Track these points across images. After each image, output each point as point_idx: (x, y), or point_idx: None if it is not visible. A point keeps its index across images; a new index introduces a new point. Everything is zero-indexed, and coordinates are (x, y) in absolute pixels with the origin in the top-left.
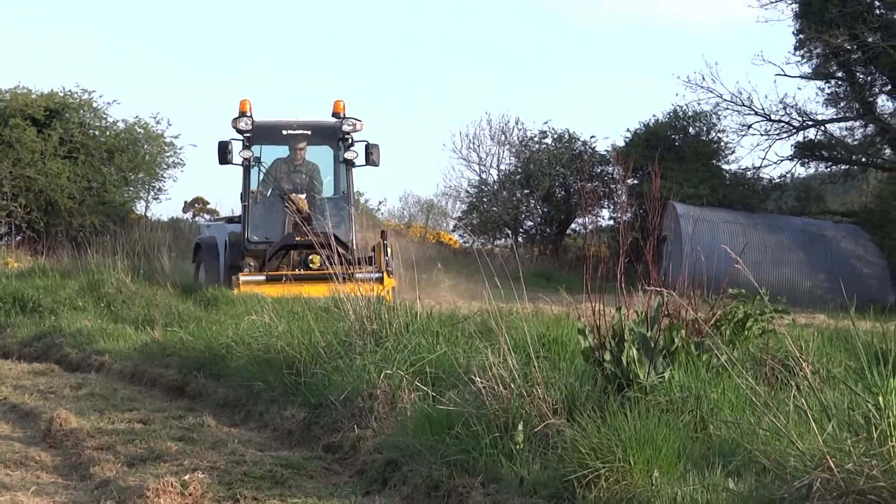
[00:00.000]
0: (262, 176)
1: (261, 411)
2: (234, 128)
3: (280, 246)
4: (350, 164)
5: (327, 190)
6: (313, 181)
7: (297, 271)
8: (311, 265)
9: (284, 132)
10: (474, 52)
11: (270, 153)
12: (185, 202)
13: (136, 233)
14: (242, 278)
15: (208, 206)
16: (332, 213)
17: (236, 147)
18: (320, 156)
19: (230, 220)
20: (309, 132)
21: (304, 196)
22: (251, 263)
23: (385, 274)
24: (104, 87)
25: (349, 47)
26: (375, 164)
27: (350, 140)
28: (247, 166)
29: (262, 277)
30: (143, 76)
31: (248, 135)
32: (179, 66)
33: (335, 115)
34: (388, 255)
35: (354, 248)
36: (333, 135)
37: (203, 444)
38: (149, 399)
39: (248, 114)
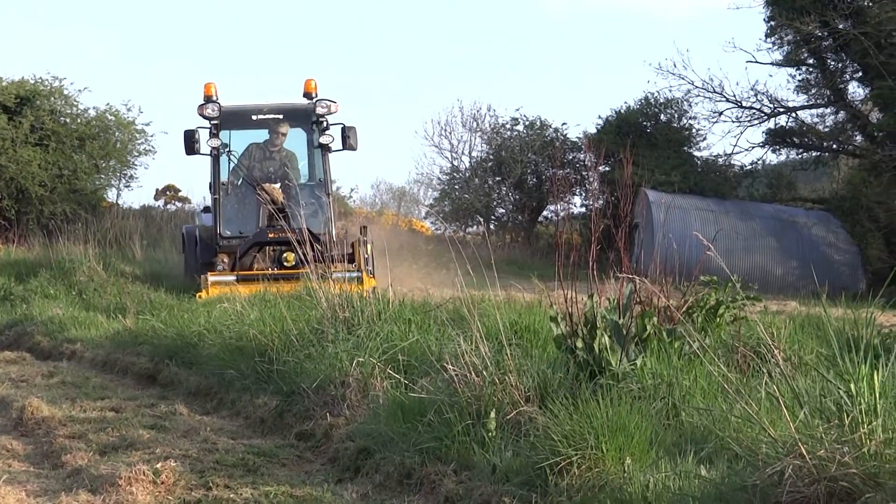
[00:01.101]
0: (231, 165)
1: (233, 399)
2: (200, 115)
3: (251, 244)
4: (326, 149)
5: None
6: (287, 169)
7: (271, 269)
8: (285, 263)
9: (255, 117)
10: (446, 39)
11: (239, 140)
12: (157, 190)
13: (108, 221)
14: (212, 278)
15: (180, 194)
16: (306, 203)
17: (203, 136)
18: (292, 141)
19: (206, 208)
20: (280, 116)
21: (278, 185)
22: (224, 261)
23: (364, 273)
24: (75, 74)
25: (320, 32)
26: (353, 149)
27: (325, 123)
28: (215, 156)
29: (233, 278)
30: (114, 63)
31: (215, 122)
32: (150, 53)
33: (306, 95)
34: (369, 252)
35: (333, 240)
36: (306, 118)
37: (175, 433)
38: (121, 387)
39: (215, 98)
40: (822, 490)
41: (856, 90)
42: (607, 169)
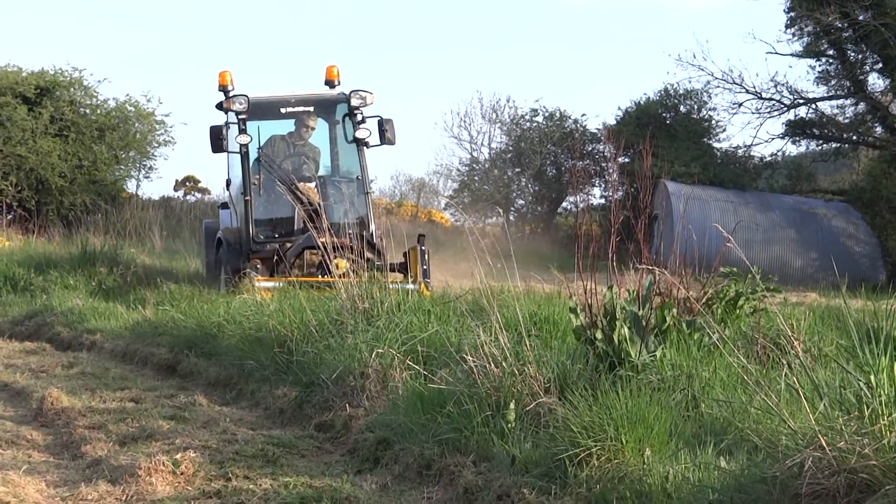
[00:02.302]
0: (260, 163)
1: (252, 390)
2: (226, 109)
3: (303, 247)
4: (363, 143)
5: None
6: (311, 165)
7: (319, 276)
8: (335, 270)
9: (284, 109)
10: (466, 31)
11: (262, 132)
12: (177, 181)
13: (127, 211)
14: (260, 283)
15: (199, 185)
16: (335, 201)
17: (230, 131)
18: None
19: (224, 204)
20: (311, 108)
21: (314, 185)
22: (258, 266)
23: (423, 285)
24: (95, 65)
25: (339, 23)
26: (391, 143)
27: (360, 116)
28: (245, 153)
29: (281, 283)
30: (134, 54)
31: (243, 116)
32: (170, 44)
33: (328, 82)
34: (427, 262)
35: (379, 243)
36: (339, 110)
37: (194, 423)
38: (140, 378)
39: (230, 87)
40: (842, 482)
41: (876, 81)
42: (627, 160)
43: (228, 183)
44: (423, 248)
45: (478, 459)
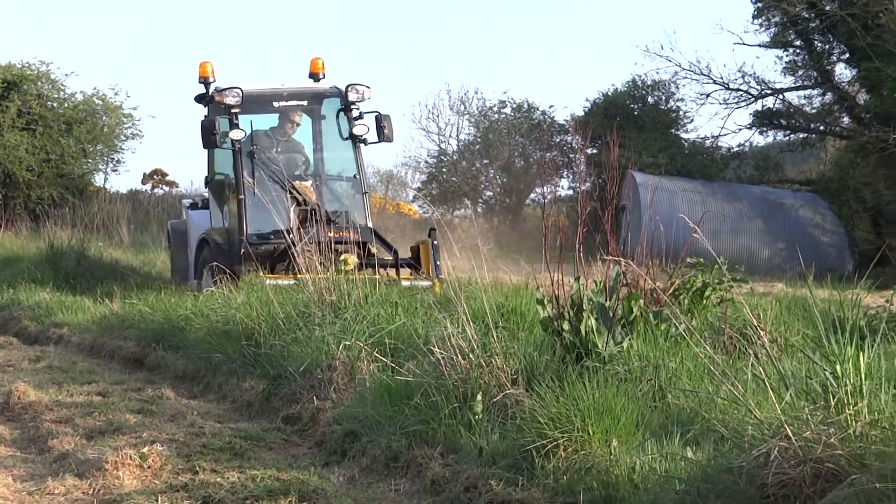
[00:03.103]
0: (252, 161)
1: (220, 383)
2: (219, 102)
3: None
4: (360, 140)
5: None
6: (300, 162)
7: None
8: (342, 266)
9: (276, 104)
10: (434, 22)
11: (252, 126)
12: (144, 174)
13: (95, 205)
14: (270, 282)
15: (167, 178)
16: (329, 199)
17: (221, 125)
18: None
19: (194, 204)
20: (305, 102)
21: (309, 183)
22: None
23: (436, 282)
24: (62, 58)
25: (305, 14)
26: (390, 140)
27: (358, 111)
28: (239, 149)
29: (291, 282)
30: (101, 47)
31: (236, 110)
32: (137, 37)
33: (312, 75)
34: (439, 257)
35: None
36: (322, 104)
37: (162, 417)
38: (107, 371)
39: (212, 79)
40: (808, 471)
41: (843, 72)
42: (594, 151)
43: (208, 181)
44: (434, 241)
45: (445, 451)
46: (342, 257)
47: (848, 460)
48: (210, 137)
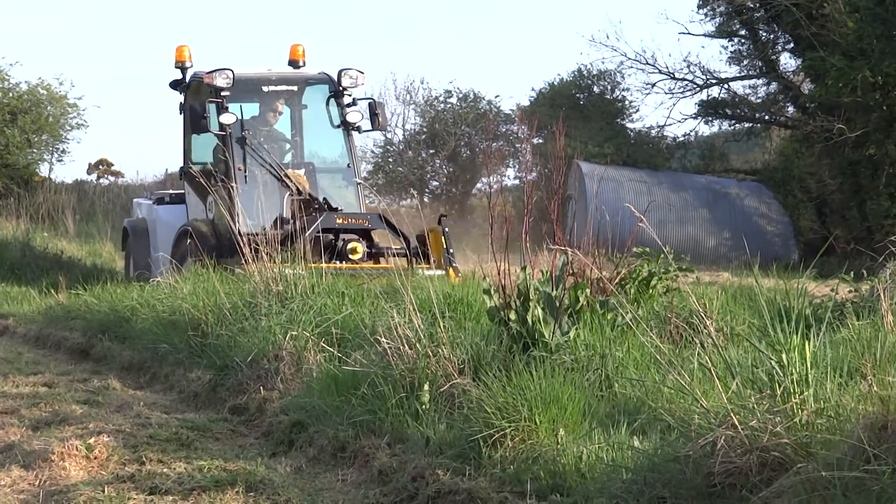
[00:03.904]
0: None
1: (166, 374)
2: (208, 84)
3: (317, 231)
4: (353, 128)
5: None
6: (283, 150)
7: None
8: (350, 256)
9: (266, 88)
10: (379, 12)
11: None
12: (90, 164)
13: (41, 195)
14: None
15: (112, 168)
16: (322, 188)
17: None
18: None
19: (160, 199)
20: (295, 87)
21: (302, 172)
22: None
23: (451, 271)
24: (6, 48)
25: (249, 4)
26: (384, 128)
27: (351, 98)
28: (229, 134)
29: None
30: (46, 37)
31: (226, 94)
32: (81, 26)
33: (292, 62)
34: (451, 244)
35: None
36: (304, 91)
37: (108, 407)
38: (53, 362)
39: (189, 63)
40: (754, 460)
41: (787, 61)
42: (540, 141)
43: (184, 173)
44: (445, 228)
45: (392, 441)
46: (349, 246)
47: (794, 449)
48: (200, 122)
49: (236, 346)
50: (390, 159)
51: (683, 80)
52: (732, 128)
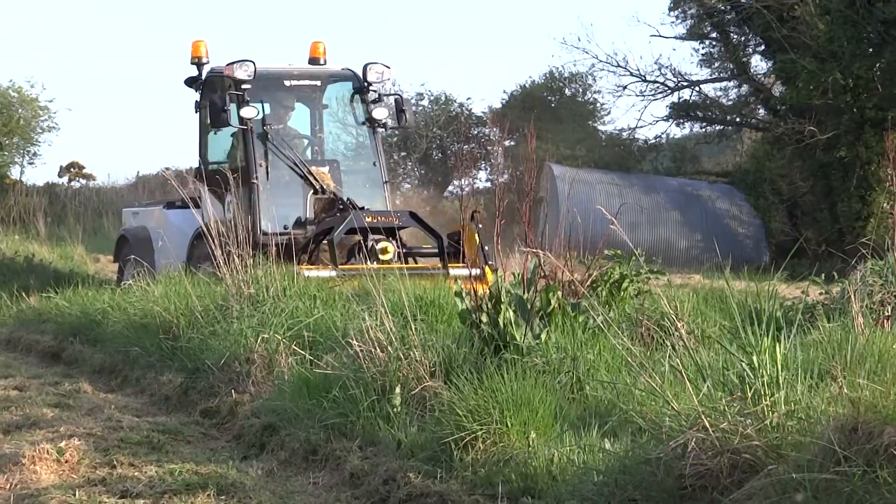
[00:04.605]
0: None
1: (137, 377)
2: (229, 77)
3: (346, 230)
4: (379, 125)
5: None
6: (304, 148)
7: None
8: (380, 256)
9: (287, 83)
10: (351, 13)
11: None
12: (61, 167)
13: (11, 198)
14: (307, 272)
15: (84, 171)
16: (347, 187)
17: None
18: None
19: (170, 204)
20: (318, 83)
21: (326, 169)
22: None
23: (487, 270)
24: None
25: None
26: (411, 126)
27: (376, 94)
28: (250, 129)
29: (332, 273)
30: (16, 39)
31: (246, 86)
32: (53, 29)
33: (313, 60)
34: (484, 242)
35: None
36: (325, 89)
37: (79, 411)
38: (24, 366)
39: (206, 59)
40: (725, 462)
41: (759, 64)
42: (512, 143)
43: (199, 172)
44: (478, 225)
45: (364, 444)
46: (380, 246)
47: (765, 451)
48: (220, 116)
49: (208, 350)
50: (361, 162)
51: (655, 82)
52: (704, 130)
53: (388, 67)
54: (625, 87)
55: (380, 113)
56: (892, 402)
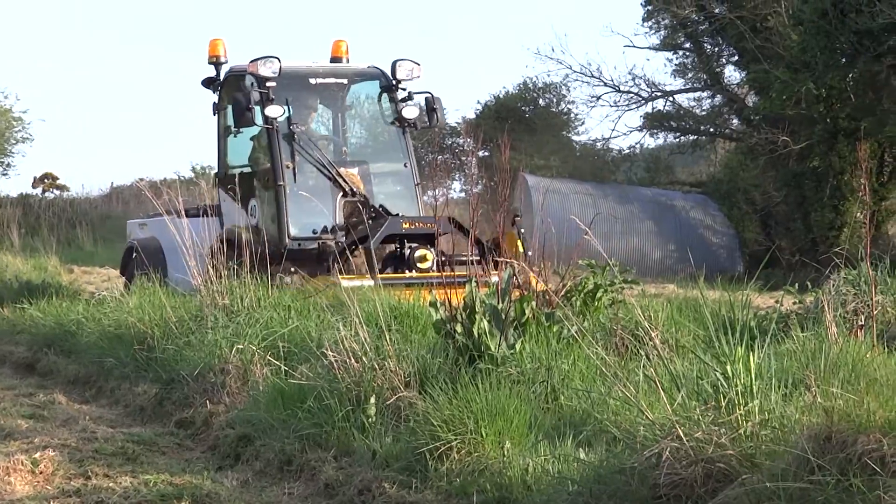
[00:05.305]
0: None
1: (112, 388)
2: (252, 74)
3: (384, 236)
4: (409, 124)
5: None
6: (331, 149)
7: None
8: (419, 264)
9: (313, 80)
10: (321, 21)
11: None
12: (35, 177)
13: None
14: (346, 283)
15: (58, 182)
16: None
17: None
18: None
19: (186, 213)
20: (344, 80)
21: (355, 170)
22: (291, 270)
23: (532, 278)
24: None
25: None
26: (442, 125)
27: (407, 92)
28: (275, 129)
29: (370, 282)
30: None
31: (271, 84)
32: (27, 40)
33: (335, 60)
34: (530, 249)
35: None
36: (348, 90)
37: (54, 422)
38: None
39: (224, 59)
40: (699, 471)
41: (732, 74)
42: (486, 154)
43: (219, 178)
44: (521, 229)
45: (339, 454)
46: (418, 254)
47: (739, 460)
48: (245, 115)
49: (182, 360)
50: (392, 163)
51: (629, 92)
52: (678, 140)
53: (418, 64)
54: (599, 98)
55: (410, 112)
56: (865, 411)
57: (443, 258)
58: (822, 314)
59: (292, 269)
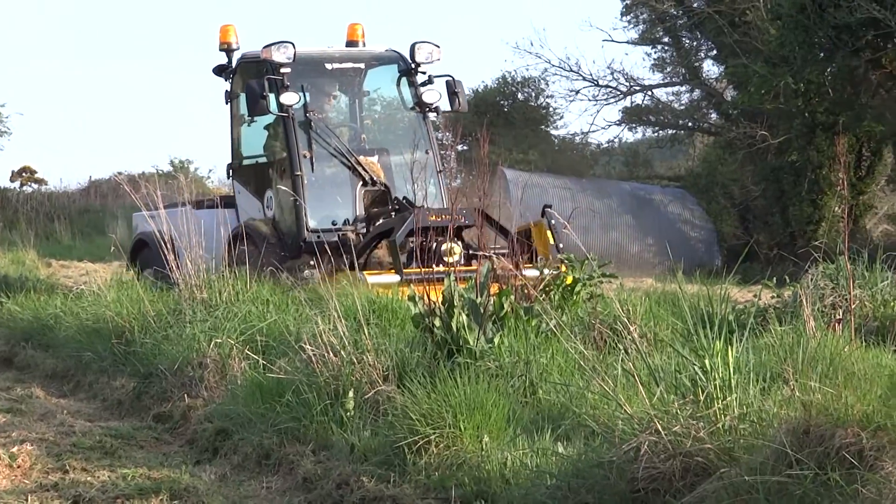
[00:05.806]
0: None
1: (90, 382)
2: (265, 59)
3: (409, 230)
4: (430, 109)
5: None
6: (350, 136)
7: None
8: (445, 258)
9: (329, 65)
10: (305, 18)
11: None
12: (13, 171)
13: None
14: (372, 279)
15: (36, 175)
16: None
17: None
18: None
19: (198, 204)
20: (362, 65)
21: (375, 158)
22: (311, 263)
23: (563, 266)
24: None
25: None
26: (464, 110)
27: (427, 76)
28: (291, 117)
29: (396, 278)
30: None
31: (286, 70)
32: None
33: (350, 43)
34: (561, 240)
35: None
36: (365, 74)
37: (31, 416)
38: None
39: (235, 46)
40: (677, 465)
41: (710, 68)
42: (465, 148)
43: (233, 169)
44: (552, 221)
45: (317, 448)
46: (444, 247)
47: (717, 454)
48: (259, 103)
49: (160, 354)
50: (411, 150)
51: (607, 87)
52: (656, 134)
53: (438, 47)
54: (577, 92)
55: (431, 96)
56: (843, 405)
57: (470, 250)
58: (800, 308)
59: (311, 263)
